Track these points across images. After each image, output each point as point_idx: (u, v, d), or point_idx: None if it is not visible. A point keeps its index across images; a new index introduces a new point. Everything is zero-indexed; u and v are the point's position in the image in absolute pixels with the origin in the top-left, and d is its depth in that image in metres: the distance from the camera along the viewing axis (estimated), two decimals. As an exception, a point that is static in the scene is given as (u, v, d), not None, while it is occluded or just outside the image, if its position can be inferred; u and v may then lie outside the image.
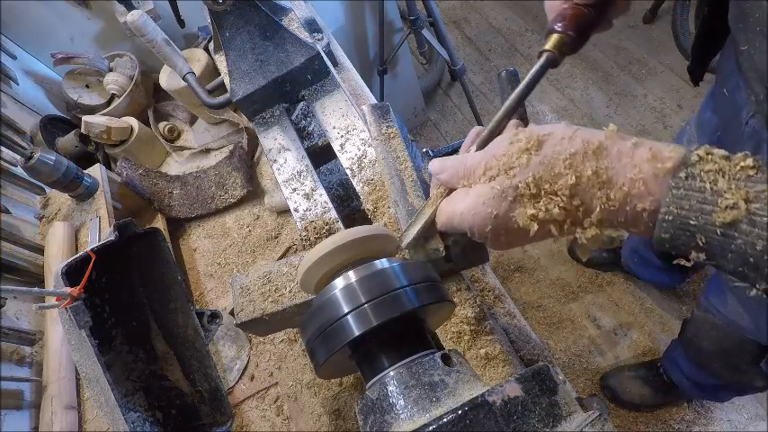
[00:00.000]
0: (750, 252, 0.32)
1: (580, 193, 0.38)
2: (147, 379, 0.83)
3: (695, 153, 0.35)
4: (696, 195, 0.34)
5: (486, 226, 0.44)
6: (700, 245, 0.34)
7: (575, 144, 0.39)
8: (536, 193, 0.40)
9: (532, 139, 0.41)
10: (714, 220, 0.33)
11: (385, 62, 1.97)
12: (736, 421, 1.57)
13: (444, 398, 0.39)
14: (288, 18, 0.96)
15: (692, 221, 0.34)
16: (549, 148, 0.40)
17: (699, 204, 0.34)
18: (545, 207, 0.39)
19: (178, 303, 0.86)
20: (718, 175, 0.34)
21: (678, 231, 0.35)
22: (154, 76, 1.36)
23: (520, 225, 0.41)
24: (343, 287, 0.45)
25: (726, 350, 1.08)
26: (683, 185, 0.34)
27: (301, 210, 0.80)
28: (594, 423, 0.36)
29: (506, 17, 2.82)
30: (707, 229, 0.34)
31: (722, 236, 0.33)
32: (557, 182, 0.39)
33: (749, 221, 0.32)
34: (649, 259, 1.58)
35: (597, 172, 0.38)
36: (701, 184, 0.34)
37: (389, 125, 0.73)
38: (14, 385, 0.91)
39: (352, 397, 0.81)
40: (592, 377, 1.74)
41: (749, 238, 0.32)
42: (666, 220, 0.35)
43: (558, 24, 0.52)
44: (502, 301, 0.79)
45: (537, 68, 0.51)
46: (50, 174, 1.03)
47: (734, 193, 0.32)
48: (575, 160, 0.38)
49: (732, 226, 0.33)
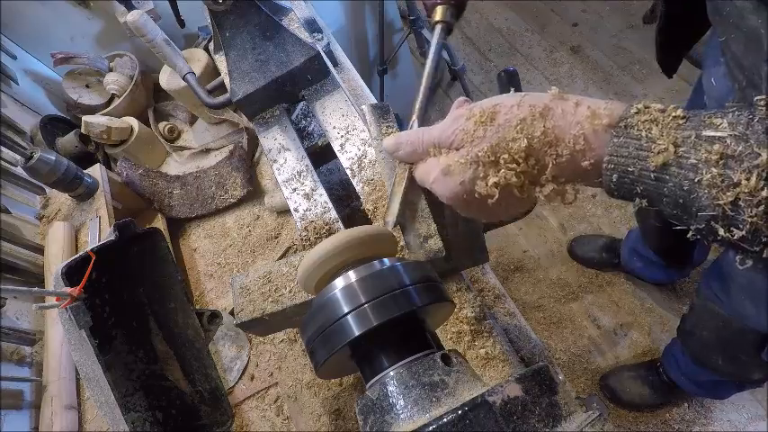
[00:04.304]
0: (679, 193, 0.35)
1: (534, 154, 0.42)
2: (147, 379, 0.83)
3: (635, 107, 0.38)
4: (633, 143, 0.37)
5: (457, 193, 0.47)
6: (639, 191, 0.37)
7: (523, 110, 0.42)
8: (495, 161, 0.43)
9: (486, 112, 0.44)
10: (648, 165, 0.36)
11: (385, 62, 1.97)
12: (735, 421, 1.57)
13: (444, 398, 0.39)
14: (288, 18, 0.96)
15: (630, 168, 0.37)
16: (501, 117, 0.43)
17: (636, 151, 0.37)
18: (504, 176, 0.43)
19: (178, 303, 0.86)
20: (652, 125, 0.36)
21: (620, 179, 0.38)
22: (154, 76, 1.35)
23: (483, 193, 0.45)
24: (344, 287, 0.45)
25: (726, 340, 1.07)
26: (623, 134, 0.37)
27: (301, 210, 0.80)
28: (594, 423, 0.36)
29: (506, 17, 2.82)
30: (643, 175, 0.36)
31: (656, 180, 0.36)
32: (512, 147, 0.42)
33: (677, 164, 0.35)
34: (648, 257, 1.59)
35: (545, 132, 0.41)
36: (638, 133, 0.37)
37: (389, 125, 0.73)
38: (14, 385, 0.91)
39: (352, 397, 0.81)
40: (592, 377, 1.74)
41: (678, 179, 0.35)
42: (609, 169, 0.38)
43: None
44: (502, 301, 0.79)
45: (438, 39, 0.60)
46: (50, 174, 1.03)
47: (665, 139, 0.35)
48: (524, 125, 0.42)
49: (664, 169, 0.35)
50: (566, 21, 2.64)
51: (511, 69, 0.65)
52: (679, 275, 1.72)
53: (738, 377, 1.15)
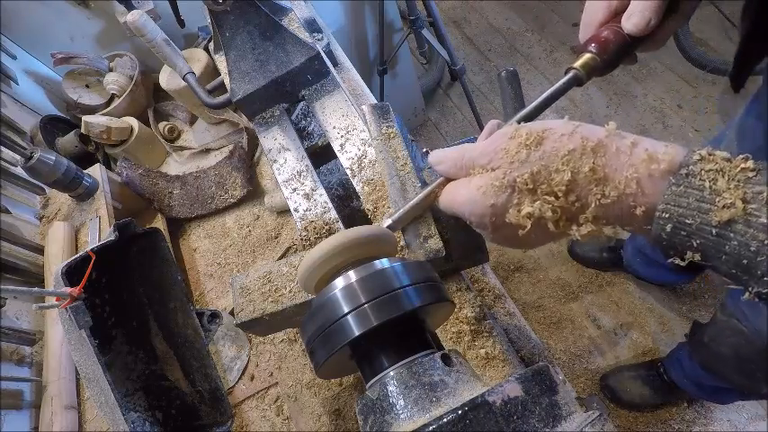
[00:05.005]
0: (744, 253, 0.32)
1: (576, 190, 0.39)
2: (147, 379, 0.83)
3: (697, 152, 0.35)
4: (695, 193, 0.34)
5: (484, 216, 0.44)
6: (695, 245, 0.34)
7: (574, 141, 0.39)
8: (533, 189, 0.40)
9: (532, 135, 0.41)
10: (711, 220, 0.33)
11: (385, 62, 1.97)
12: (735, 421, 1.57)
13: (444, 398, 0.39)
14: (288, 18, 0.96)
15: (689, 220, 0.34)
16: (548, 144, 0.40)
17: (696, 203, 0.34)
18: (539, 208, 0.40)
19: (178, 303, 0.86)
20: (718, 175, 0.33)
21: (675, 230, 0.35)
22: (154, 76, 1.35)
23: (514, 222, 0.42)
24: (344, 287, 0.45)
25: (744, 357, 1.05)
26: (684, 183, 0.34)
27: (301, 210, 0.80)
28: (594, 423, 0.36)
29: (506, 17, 2.82)
30: (703, 229, 0.34)
31: (717, 236, 0.33)
32: (554, 178, 0.39)
33: (745, 222, 0.32)
34: (656, 259, 1.56)
35: (594, 169, 0.38)
36: (701, 183, 0.34)
37: (389, 125, 0.73)
38: (14, 385, 0.91)
39: (352, 397, 0.81)
40: (592, 377, 1.74)
41: (744, 238, 0.32)
42: (663, 218, 0.35)
43: (593, 45, 0.51)
44: (502, 301, 0.79)
45: (561, 84, 0.50)
46: (50, 174, 1.03)
47: (732, 193, 0.32)
48: (572, 157, 0.39)
49: (728, 226, 0.32)
50: (566, 21, 2.64)
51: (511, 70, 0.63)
52: (687, 279, 1.70)
53: (749, 389, 1.14)
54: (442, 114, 2.63)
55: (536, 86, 2.47)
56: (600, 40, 0.51)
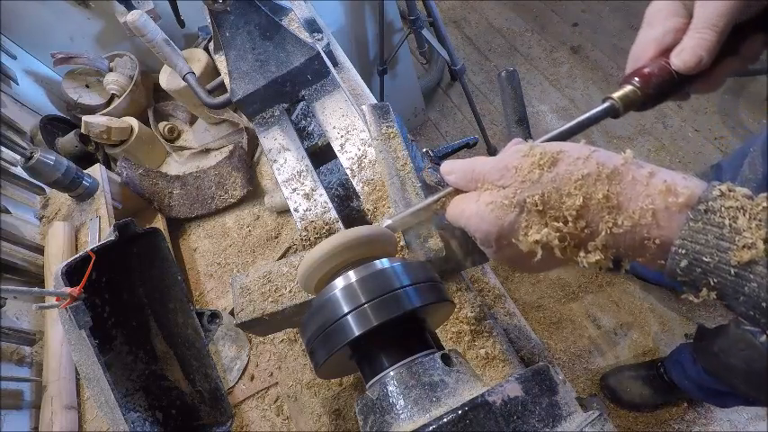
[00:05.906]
0: (764, 296, 0.31)
1: (587, 216, 0.38)
2: (147, 379, 0.83)
3: (717, 188, 0.34)
4: (714, 230, 0.33)
5: (490, 234, 0.43)
6: (711, 283, 0.33)
7: (589, 166, 0.38)
8: (542, 211, 0.39)
9: (547, 155, 0.40)
10: (729, 259, 0.32)
11: (385, 62, 1.97)
12: (736, 421, 1.57)
13: (444, 398, 0.39)
14: (288, 18, 0.96)
15: (706, 258, 0.33)
16: (562, 166, 0.39)
17: (715, 240, 0.32)
18: (546, 235, 0.39)
19: (178, 303, 0.86)
20: (738, 212, 0.32)
21: (691, 266, 0.34)
22: (154, 76, 1.36)
23: (523, 248, 0.41)
24: (344, 287, 0.45)
25: (755, 370, 1.04)
26: (702, 218, 0.33)
27: (301, 210, 0.80)
28: (594, 423, 0.36)
29: (506, 17, 2.82)
30: (721, 268, 0.32)
31: (736, 276, 0.32)
32: (564, 202, 0.38)
33: (766, 264, 0.31)
34: None
35: (608, 196, 0.37)
36: (721, 220, 0.33)
37: (389, 125, 0.73)
38: (14, 385, 0.91)
39: (352, 397, 0.81)
40: (592, 377, 1.74)
41: (765, 280, 0.31)
42: (680, 253, 0.34)
43: (636, 78, 0.48)
44: (502, 301, 0.79)
45: (595, 112, 0.48)
46: (50, 174, 1.03)
47: (753, 233, 0.31)
48: (586, 182, 0.38)
49: (748, 267, 0.31)
50: (566, 21, 2.64)
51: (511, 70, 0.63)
52: None
53: (753, 397, 1.13)
54: (441, 114, 2.63)
55: (536, 86, 2.47)
56: (644, 74, 0.48)
